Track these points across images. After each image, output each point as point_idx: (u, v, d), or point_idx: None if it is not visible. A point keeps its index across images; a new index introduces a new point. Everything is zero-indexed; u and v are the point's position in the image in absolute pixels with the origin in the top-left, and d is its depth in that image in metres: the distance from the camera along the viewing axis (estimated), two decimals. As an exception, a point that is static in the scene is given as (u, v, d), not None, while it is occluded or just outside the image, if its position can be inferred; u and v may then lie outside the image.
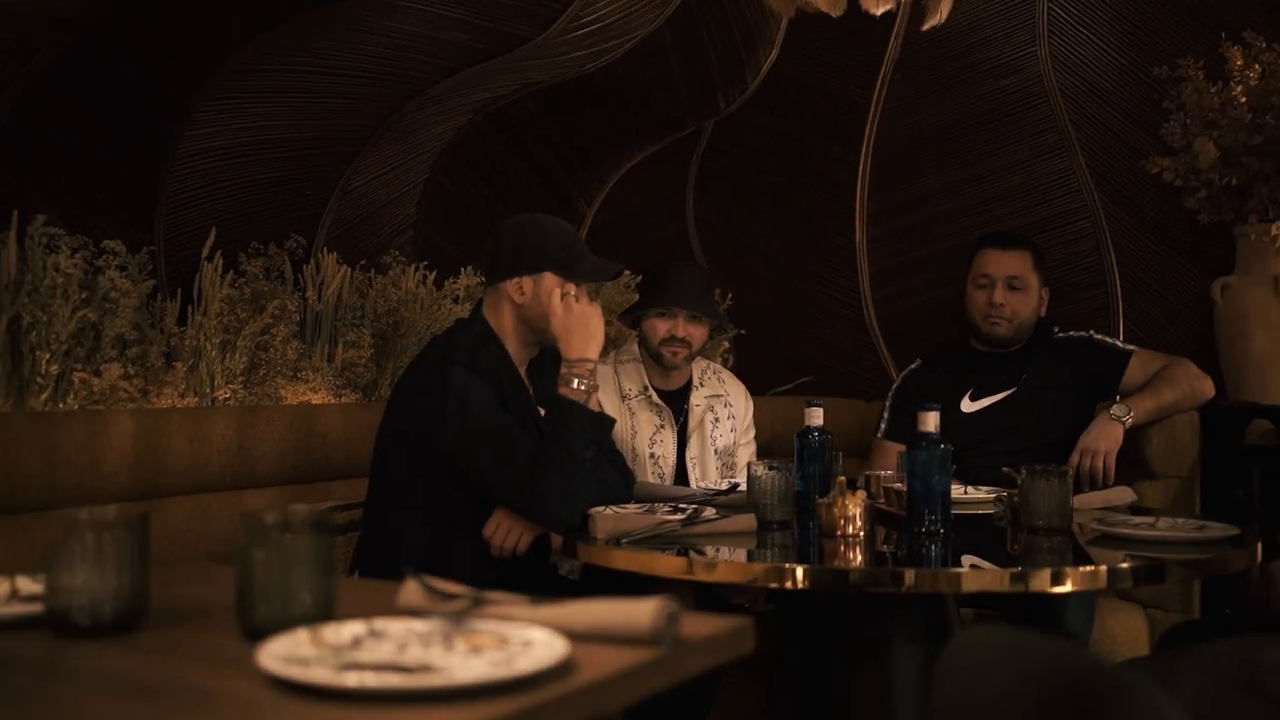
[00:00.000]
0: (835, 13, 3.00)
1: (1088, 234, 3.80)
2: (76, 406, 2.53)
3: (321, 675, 0.98)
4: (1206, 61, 3.39)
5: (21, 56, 2.46)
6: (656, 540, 2.18)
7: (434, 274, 3.53)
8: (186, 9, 2.67)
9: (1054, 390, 3.19)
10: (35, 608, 1.26)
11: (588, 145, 4.20)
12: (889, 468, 2.93)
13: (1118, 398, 3.16)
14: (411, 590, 1.27)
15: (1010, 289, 3.22)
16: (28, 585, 1.38)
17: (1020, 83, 3.89)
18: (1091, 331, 3.37)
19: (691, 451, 3.19)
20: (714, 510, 2.41)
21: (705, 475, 3.18)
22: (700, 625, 1.19)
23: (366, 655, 1.05)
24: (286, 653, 1.04)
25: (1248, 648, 1.91)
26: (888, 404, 3.41)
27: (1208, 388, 3.15)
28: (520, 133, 3.99)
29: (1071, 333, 3.34)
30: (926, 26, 2.96)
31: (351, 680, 0.96)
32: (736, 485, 2.78)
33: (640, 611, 1.14)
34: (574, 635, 1.11)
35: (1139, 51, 3.68)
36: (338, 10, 2.81)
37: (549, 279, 2.51)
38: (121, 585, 1.18)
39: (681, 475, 3.16)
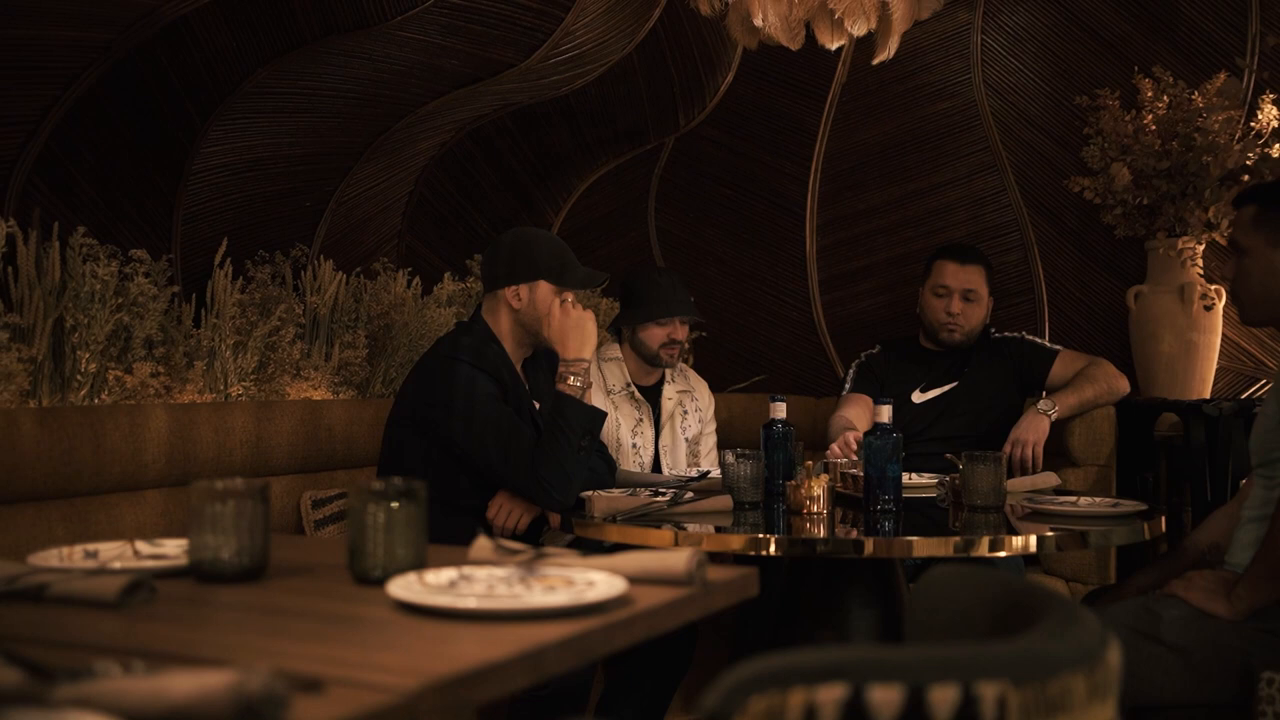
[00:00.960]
0: (794, 46, 3.32)
1: (1017, 245, 4.16)
2: (110, 401, 2.76)
3: (442, 600, 1.26)
4: (1121, 92, 3.75)
5: (63, 84, 2.68)
6: (647, 518, 2.47)
7: (417, 279, 3.78)
8: (208, 38, 2.90)
9: (990, 384, 3.53)
10: (168, 562, 1.52)
11: (558, 159, 4.48)
12: (858, 411, 3.43)
13: (1044, 393, 3.51)
14: (482, 546, 1.55)
15: (965, 300, 3.53)
16: (145, 547, 1.63)
17: (957, 106, 4.24)
18: (1023, 332, 3.71)
19: (664, 441, 3.49)
20: (692, 494, 2.70)
21: (676, 463, 3.48)
22: (720, 572, 1.49)
23: (465, 592, 1.33)
24: (406, 587, 1.31)
25: (1150, 604, 2.26)
26: (851, 374, 3.71)
27: (1124, 385, 3.51)
28: (497, 148, 4.25)
29: (1006, 333, 3.69)
30: (876, 61, 3.29)
31: (466, 602, 1.25)
32: (707, 472, 3.09)
33: (676, 559, 1.43)
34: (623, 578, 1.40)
35: (1062, 81, 4.04)
36: (345, 40, 3.06)
37: (543, 287, 2.79)
38: (254, 540, 1.45)
39: (655, 462, 3.47)
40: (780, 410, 2.85)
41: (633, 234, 4.77)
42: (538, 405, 2.83)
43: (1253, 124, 3.62)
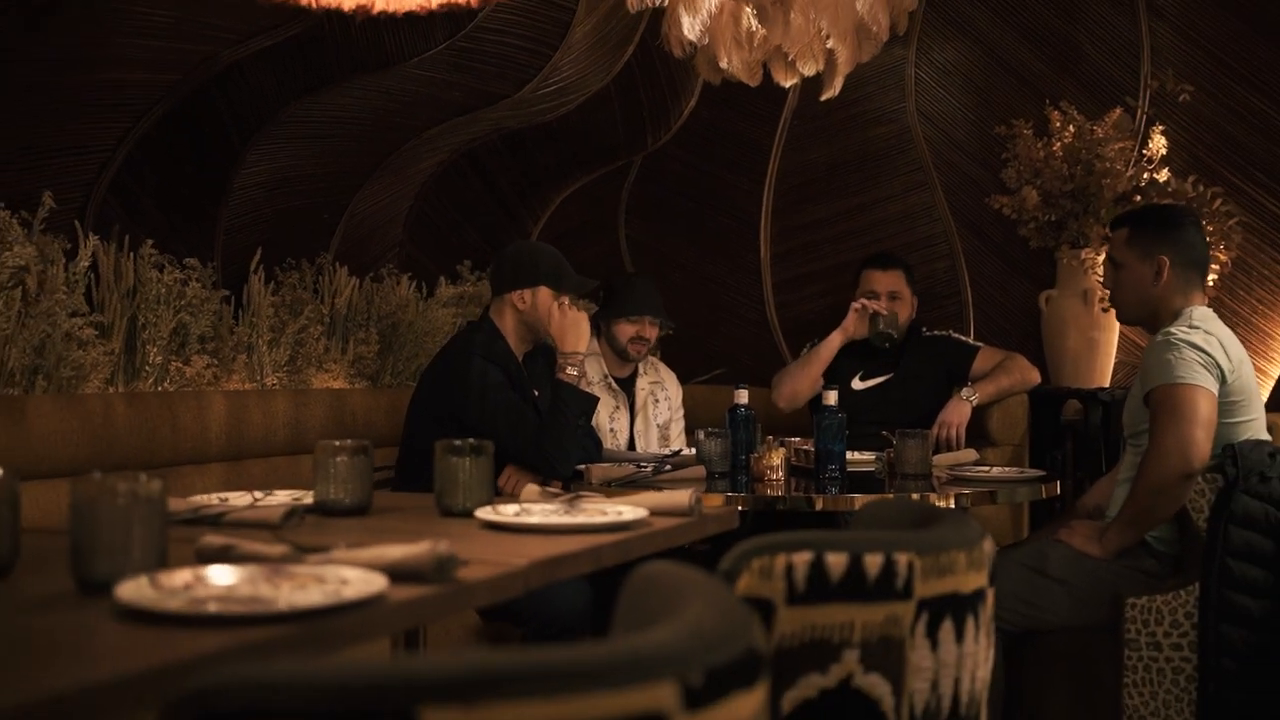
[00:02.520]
0: (754, 83, 3.81)
1: (945, 254, 4.69)
2: (173, 388, 3.19)
3: (515, 520, 1.74)
4: (1034, 122, 4.29)
5: (134, 119, 3.12)
6: (636, 484, 2.95)
7: (415, 283, 4.24)
8: (255, 79, 3.35)
9: (921, 375, 4.04)
10: (293, 503, 1.98)
11: (540, 176, 4.95)
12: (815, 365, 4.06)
13: (969, 382, 4.04)
14: (531, 490, 2.04)
15: (891, 299, 4.06)
16: (262, 496, 2.09)
17: (893, 131, 4.77)
18: (950, 331, 4.24)
19: (638, 426, 3.98)
20: (670, 466, 3.20)
21: (649, 444, 3.97)
22: (713, 510, 1.99)
23: (531, 518, 1.81)
24: (487, 514, 1.79)
25: (1042, 546, 2.78)
26: (803, 354, 4.23)
27: (1035, 376, 4.04)
28: (487, 166, 4.71)
29: (935, 331, 4.21)
30: (823, 98, 3.79)
31: (537, 521, 1.73)
32: (679, 451, 3.58)
33: (681, 496, 1.92)
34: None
35: (984, 111, 4.58)
36: (366, 77, 3.51)
37: (544, 291, 3.26)
38: (361, 484, 1.92)
39: (630, 444, 3.95)
40: (743, 396, 3.34)
41: (605, 242, 5.24)
42: (537, 393, 3.30)
43: (1145, 151, 4.19)
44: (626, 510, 1.85)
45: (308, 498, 1.99)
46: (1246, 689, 2.48)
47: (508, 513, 1.82)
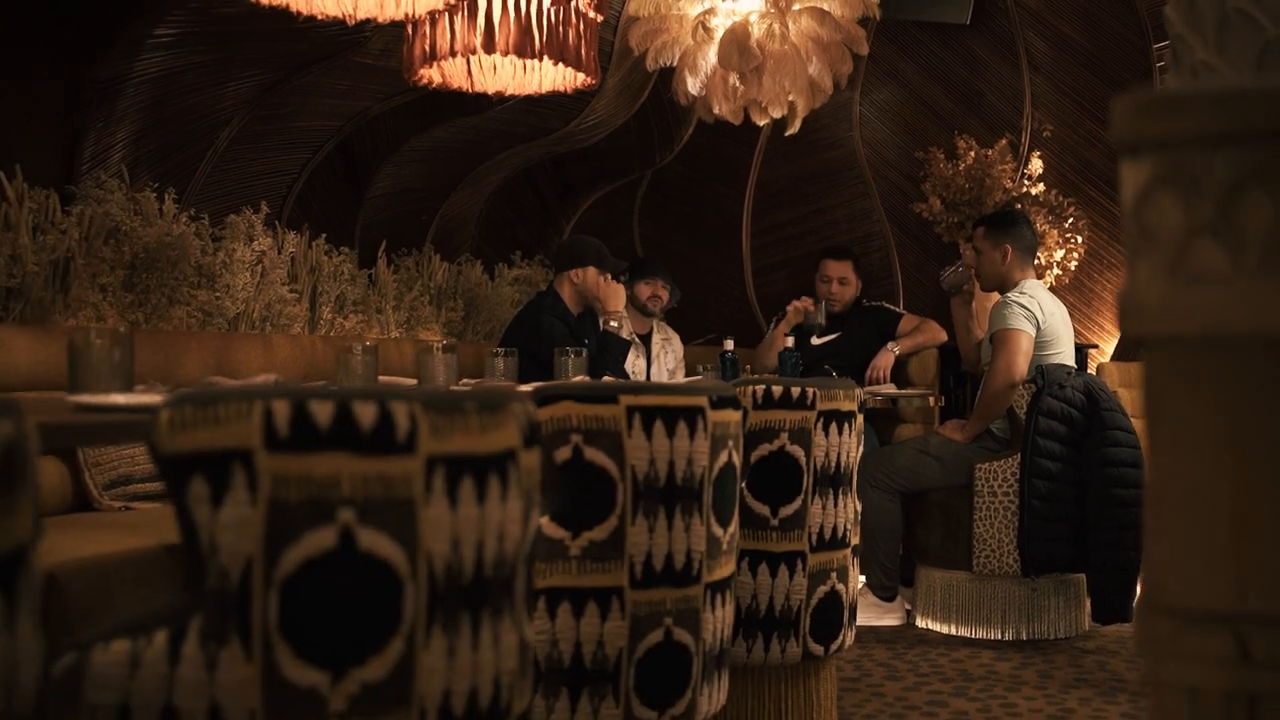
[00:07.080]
0: (737, 123, 5.12)
1: (881, 247, 6.00)
2: (337, 336, 4.48)
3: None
4: (945, 148, 5.60)
5: (312, 151, 4.42)
6: (657, 398, 4.26)
7: (484, 268, 5.53)
8: (392, 123, 4.65)
9: (861, 334, 5.33)
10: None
11: (573, 185, 6.25)
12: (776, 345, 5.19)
13: (894, 339, 5.34)
14: (580, 378, 3.35)
15: (840, 284, 5.36)
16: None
17: (844, 154, 6.07)
18: (884, 302, 5.54)
19: (654, 372, 5.29)
20: (679, 390, 4.51)
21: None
22: (711, 389, 3.30)
23: (610, 389, 3.11)
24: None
25: (926, 436, 4.10)
26: (774, 323, 5.53)
27: (943, 335, 5.33)
28: (536, 180, 6.01)
29: (873, 303, 5.51)
30: (788, 134, 5.10)
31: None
32: (684, 385, 4.89)
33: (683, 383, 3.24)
34: (672, 388, 3.20)
35: (910, 138, 5.89)
36: (462, 120, 4.82)
37: (592, 270, 4.56)
38: (512, 374, 3.21)
39: (647, 385, 5.27)
40: (730, 344, 4.65)
41: (622, 238, 6.54)
42: (587, 341, 4.60)
43: (1026, 170, 5.50)
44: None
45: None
46: (1046, 519, 3.80)
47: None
